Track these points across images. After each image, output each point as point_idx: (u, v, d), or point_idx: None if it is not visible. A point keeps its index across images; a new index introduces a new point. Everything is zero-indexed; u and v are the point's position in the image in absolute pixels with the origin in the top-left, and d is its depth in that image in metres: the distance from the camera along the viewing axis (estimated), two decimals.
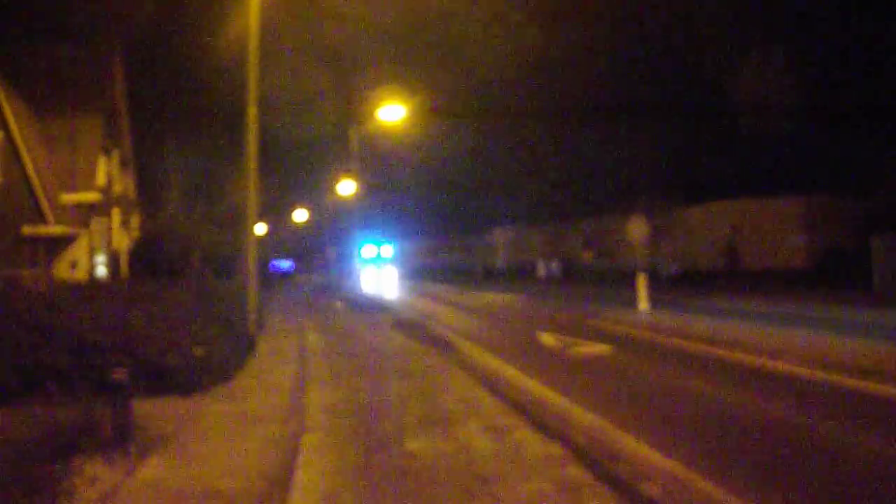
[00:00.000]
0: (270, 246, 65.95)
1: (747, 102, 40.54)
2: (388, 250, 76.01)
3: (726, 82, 41.24)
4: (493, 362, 17.33)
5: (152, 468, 8.86)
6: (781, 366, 15.63)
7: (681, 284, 41.00)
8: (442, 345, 20.21)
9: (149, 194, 43.54)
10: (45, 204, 27.33)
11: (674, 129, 44.57)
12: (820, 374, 14.43)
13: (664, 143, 47.07)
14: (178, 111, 45.91)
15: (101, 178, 32.54)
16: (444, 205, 72.76)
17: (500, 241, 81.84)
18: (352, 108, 50.86)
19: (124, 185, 38.64)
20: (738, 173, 41.46)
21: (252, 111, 19.44)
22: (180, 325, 14.36)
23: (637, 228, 31.17)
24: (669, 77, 44.16)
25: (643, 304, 30.03)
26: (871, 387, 13.18)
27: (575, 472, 8.64)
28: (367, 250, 69.03)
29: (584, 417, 11.42)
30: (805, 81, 37.23)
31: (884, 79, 32.57)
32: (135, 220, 40.77)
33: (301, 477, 8.64)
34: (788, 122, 38.38)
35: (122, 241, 37.22)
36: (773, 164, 39.83)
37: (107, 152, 33.87)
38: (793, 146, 39.37)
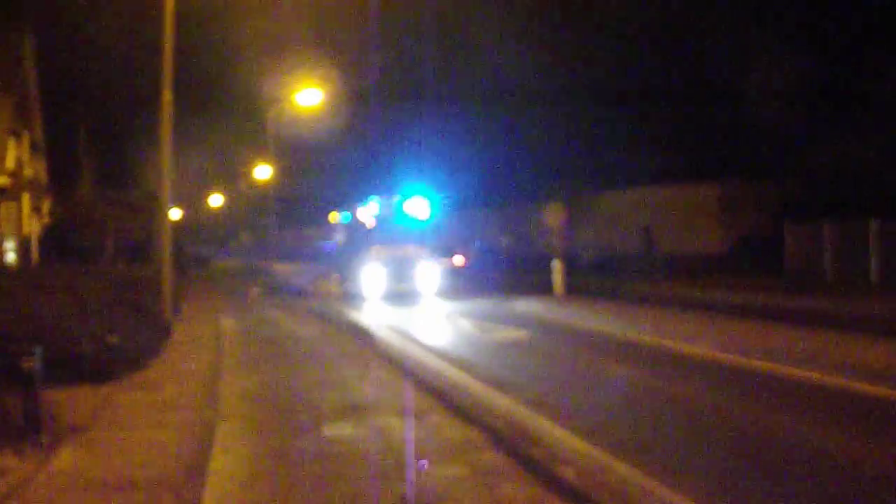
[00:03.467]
0: (186, 231, 64.53)
1: (671, 87, 41.01)
2: (422, 207, 32.53)
3: (648, 66, 41.60)
4: (410, 348, 17.37)
5: (65, 459, 8.72)
6: (696, 349, 15.94)
7: (598, 270, 41.51)
8: (359, 331, 20.18)
9: (61, 179, 42.66)
10: None
11: (592, 115, 44.87)
12: (734, 358, 14.74)
13: (582, 129, 47.42)
14: (91, 94, 45.04)
15: (10, 163, 31.73)
16: (360, 191, 66.63)
17: None
18: (269, 91, 50.23)
19: (35, 169, 37.74)
20: (656, 159, 41.93)
21: (167, 95, 19.14)
22: (93, 312, 14.12)
23: (554, 214, 31.50)
24: (589, 61, 44.34)
25: (559, 289, 30.37)
26: (780, 369, 13.52)
27: (492, 456, 8.73)
28: (371, 210, 32.40)
29: (501, 402, 11.52)
30: (727, 67, 37.69)
31: (799, 65, 33.20)
32: (46, 206, 39.88)
33: (217, 464, 8.60)
34: (710, 107, 38.92)
35: (33, 227, 36.36)
36: (693, 150, 40.37)
37: (16, 136, 33.04)
38: (711, 132, 39.91)
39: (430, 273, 30.88)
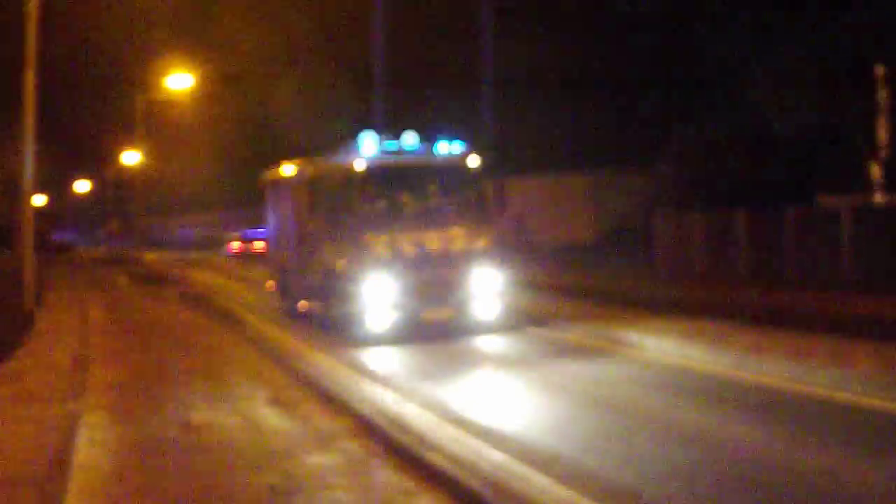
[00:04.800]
0: (50, 218, 62.39)
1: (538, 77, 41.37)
2: (467, 153, 17.04)
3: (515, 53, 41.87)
4: (280, 336, 17.21)
5: None
6: (553, 334, 16.32)
7: None
8: (228, 319, 19.99)
9: None
10: None
11: (463, 104, 45.06)
12: (602, 344, 15.03)
13: (455, 118, 47.60)
14: None
15: None
16: (236, 176, 63.75)
17: None
18: (138, 75, 49.09)
19: None
20: (532, 150, 42.36)
21: (30, 76, 18.54)
22: None
23: None
24: (467, 51, 44.39)
25: None
26: (623, 350, 13.95)
27: (363, 443, 8.80)
28: (364, 159, 16.10)
29: (372, 389, 11.57)
30: (589, 54, 38.28)
31: (667, 53, 33.94)
32: None
33: (82, 457, 8.45)
34: (574, 95, 39.49)
35: None
36: (564, 140, 40.89)
37: None
38: (581, 122, 40.51)
39: (486, 283, 16.38)
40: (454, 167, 16.96)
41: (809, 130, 27.94)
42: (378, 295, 15.45)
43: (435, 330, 16.04)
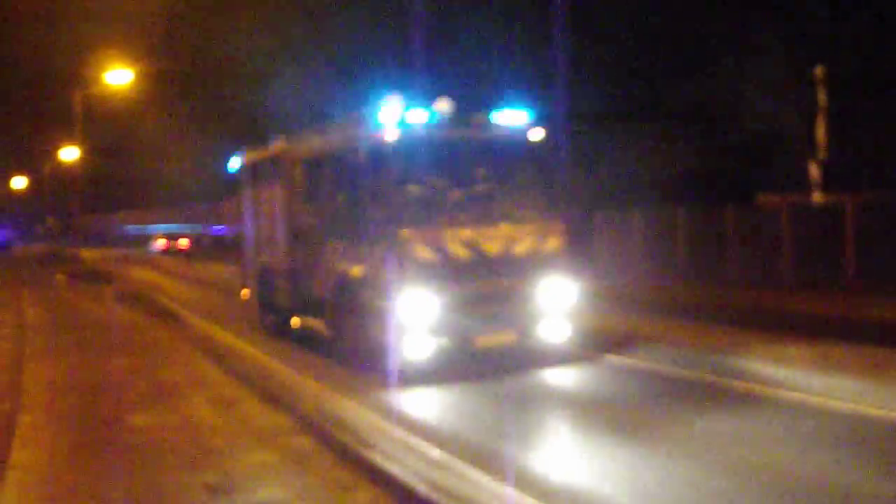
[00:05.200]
0: None
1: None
2: (532, 125, 12.91)
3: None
4: (219, 334, 16.95)
5: None
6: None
7: None
8: (168, 317, 19.73)
9: None
10: None
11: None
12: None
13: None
14: None
15: None
16: (176, 172, 62.85)
17: (228, 211, 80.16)
18: (76, 70, 48.49)
19: None
20: None
21: None
22: None
23: None
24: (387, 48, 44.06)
25: None
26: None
27: (302, 441, 8.76)
28: (395, 129, 11.79)
29: (310, 386, 11.48)
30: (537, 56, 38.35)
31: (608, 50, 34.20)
32: None
33: (18, 457, 8.32)
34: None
35: None
36: None
37: None
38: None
39: (557, 297, 12.74)
40: (514, 142, 12.97)
41: (751, 130, 28.33)
42: (415, 312, 11.53)
43: (495, 361, 12.44)
